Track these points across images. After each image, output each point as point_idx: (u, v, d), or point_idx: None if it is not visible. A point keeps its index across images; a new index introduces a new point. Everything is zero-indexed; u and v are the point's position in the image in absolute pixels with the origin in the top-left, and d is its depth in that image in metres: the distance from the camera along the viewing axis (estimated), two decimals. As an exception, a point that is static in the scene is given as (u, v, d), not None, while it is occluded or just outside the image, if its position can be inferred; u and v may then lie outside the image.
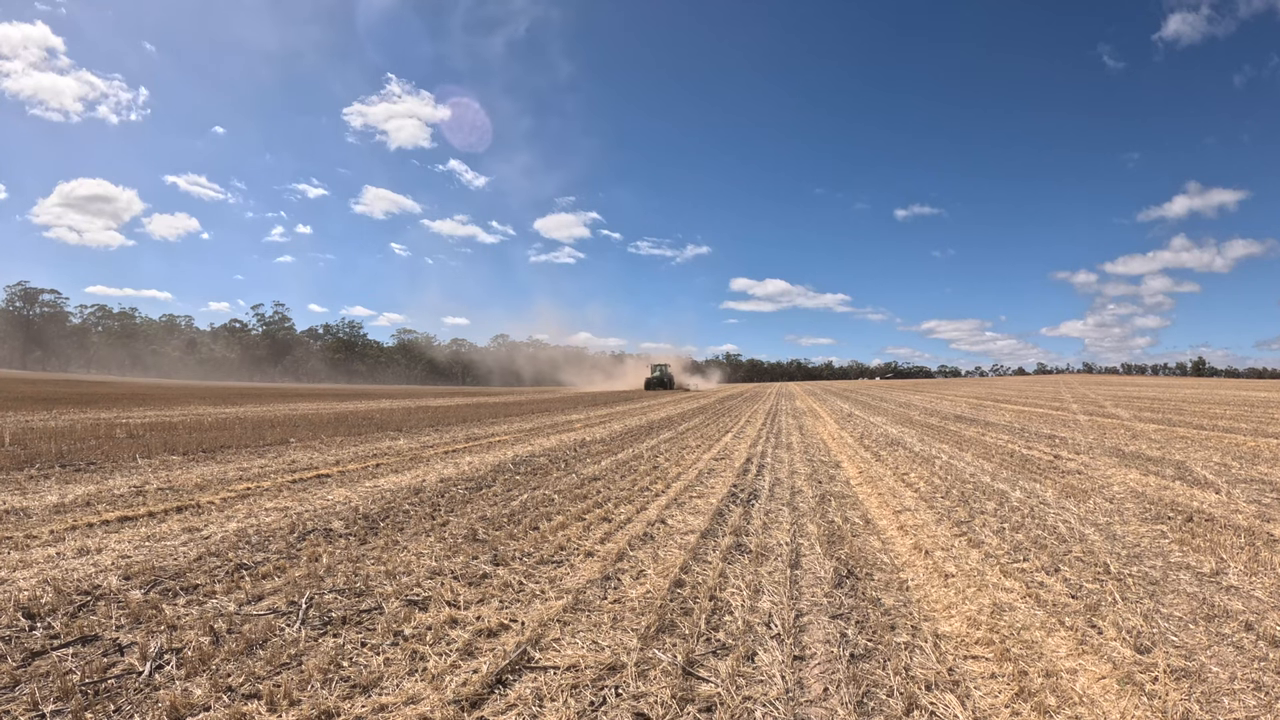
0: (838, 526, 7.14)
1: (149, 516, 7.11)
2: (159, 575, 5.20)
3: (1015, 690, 3.56)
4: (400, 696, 3.43)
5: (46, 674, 3.60)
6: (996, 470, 11.03)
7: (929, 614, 4.70)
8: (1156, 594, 5.06)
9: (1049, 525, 7.13)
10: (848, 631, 4.35)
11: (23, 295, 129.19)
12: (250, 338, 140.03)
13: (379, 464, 11.36)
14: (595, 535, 6.69)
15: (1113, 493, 8.94)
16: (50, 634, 4.12)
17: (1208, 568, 5.63)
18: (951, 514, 7.70)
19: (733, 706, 3.35)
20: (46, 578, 5.07)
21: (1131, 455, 12.70)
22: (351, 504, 7.93)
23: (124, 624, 4.30)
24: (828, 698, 3.49)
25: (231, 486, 8.87)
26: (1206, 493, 8.78)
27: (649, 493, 9.03)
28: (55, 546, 5.95)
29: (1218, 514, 7.54)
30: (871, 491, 9.31)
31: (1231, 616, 4.59)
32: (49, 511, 7.24)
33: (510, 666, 3.76)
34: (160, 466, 10.48)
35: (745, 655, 3.96)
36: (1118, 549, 6.25)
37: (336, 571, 5.39)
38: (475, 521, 7.13)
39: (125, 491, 8.39)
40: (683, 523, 7.27)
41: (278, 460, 11.51)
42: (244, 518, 7.14)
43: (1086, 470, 10.90)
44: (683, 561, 5.76)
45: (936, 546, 6.38)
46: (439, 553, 5.98)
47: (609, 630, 4.32)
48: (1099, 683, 3.66)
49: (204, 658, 3.80)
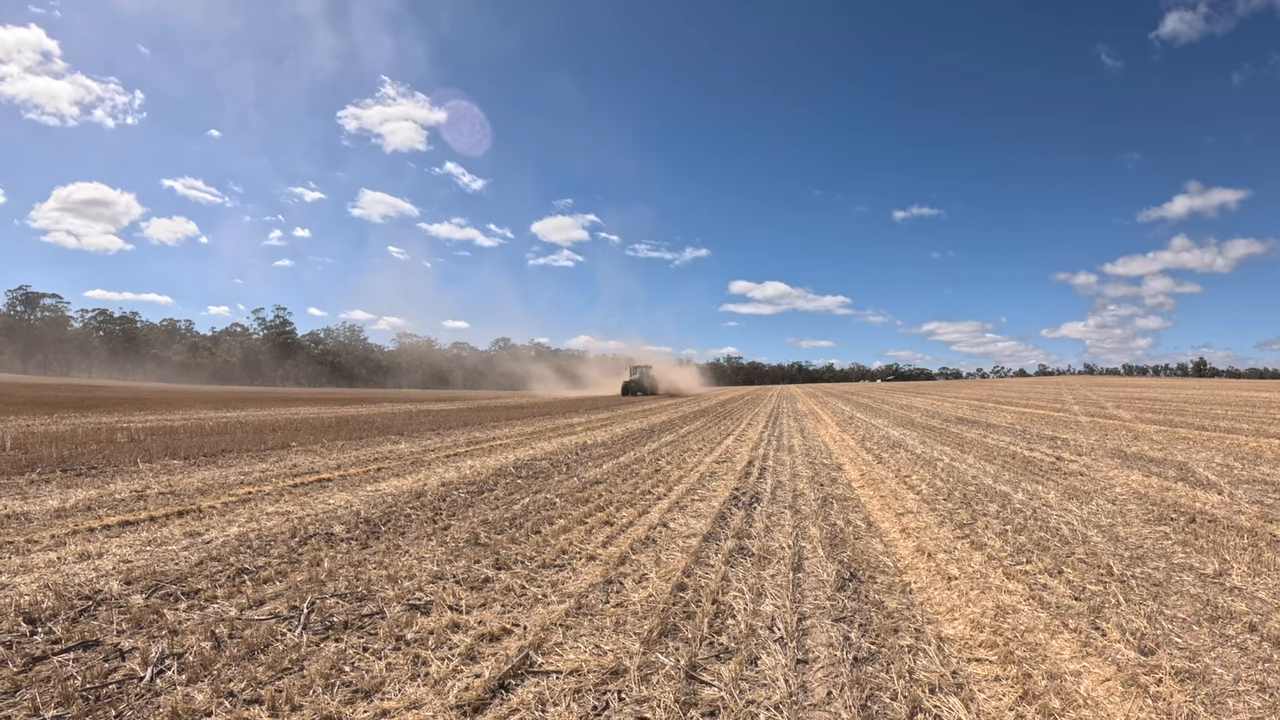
0: (840, 529, 7.13)
1: (150, 521, 7.11)
2: (160, 580, 5.19)
3: (1019, 693, 3.55)
4: (402, 701, 3.42)
5: (48, 679, 3.59)
6: (999, 472, 11.02)
7: (932, 617, 4.69)
8: (1160, 595, 5.04)
9: (1051, 527, 7.11)
10: (851, 635, 4.34)
11: (24, 299, 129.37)
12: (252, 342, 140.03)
13: (380, 468, 11.35)
14: (597, 539, 6.68)
15: (1115, 494, 8.92)
16: (51, 639, 4.11)
17: (1211, 569, 5.62)
18: (954, 516, 7.68)
19: (736, 710, 3.34)
20: (47, 582, 5.06)
21: (1134, 456, 12.68)
22: (353, 508, 7.92)
23: (125, 629, 4.29)
24: (831, 701, 3.48)
25: (233, 491, 8.86)
26: (1209, 494, 8.77)
27: (651, 496, 9.02)
28: (56, 551, 5.94)
29: (1220, 515, 7.52)
30: (874, 494, 9.29)
31: (1235, 618, 4.58)
32: (50, 516, 7.23)
33: (513, 671, 3.75)
34: (161, 471, 10.47)
35: (748, 659, 3.95)
36: (1121, 550, 6.24)
37: (338, 576, 5.38)
38: (477, 525, 7.12)
39: (126, 496, 8.38)
40: (685, 526, 7.26)
41: (279, 464, 11.50)
42: (245, 522, 7.13)
43: (1089, 472, 10.89)
44: (685, 565, 5.75)
45: (939, 549, 6.36)
46: (441, 557, 5.97)
47: (611, 634, 4.31)
48: (1103, 685, 3.65)
49: (205, 663, 3.79)
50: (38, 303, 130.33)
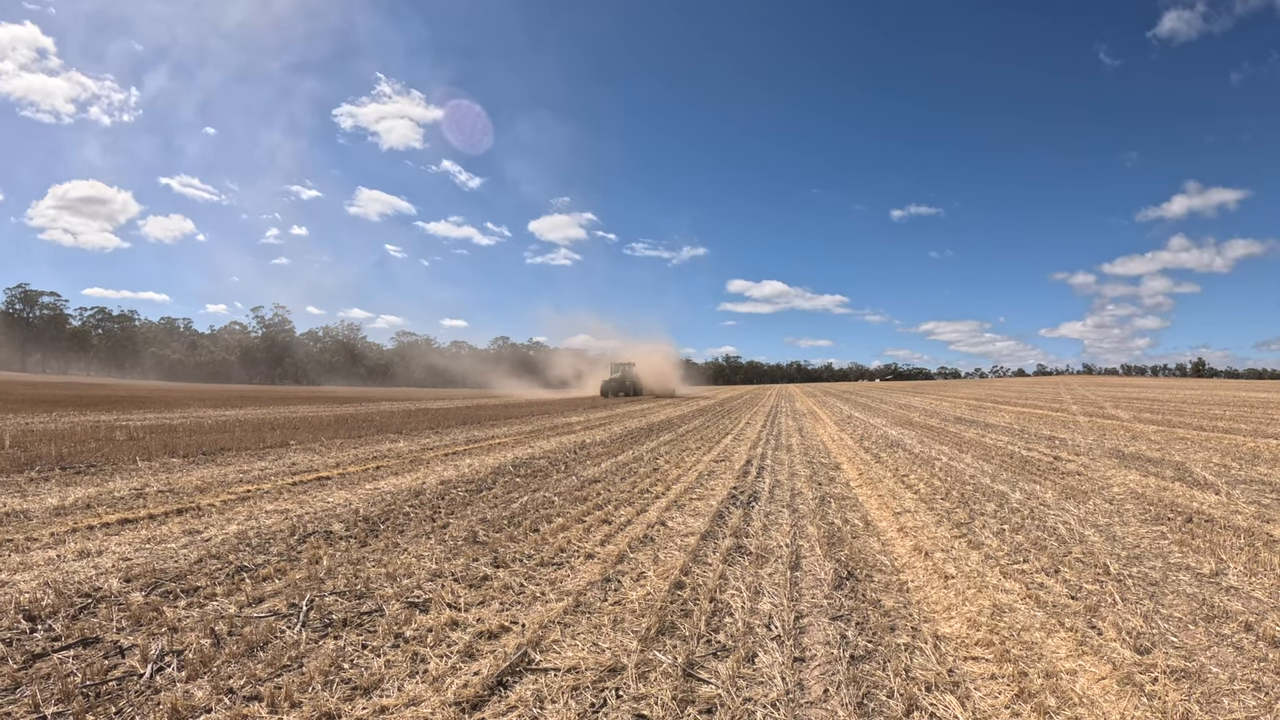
0: (838, 528, 7.14)
1: (149, 519, 7.12)
2: (160, 577, 5.20)
3: (1015, 691, 3.57)
4: (401, 698, 3.43)
5: (48, 676, 3.60)
6: (996, 472, 11.04)
7: (929, 615, 4.70)
8: (1156, 595, 5.06)
9: (1049, 526, 7.13)
10: (848, 633, 4.35)
11: (22, 297, 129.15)
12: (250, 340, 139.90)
13: (379, 466, 11.36)
14: (595, 537, 6.69)
15: (1112, 494, 8.94)
16: (51, 636, 4.12)
17: (1207, 568, 5.64)
18: (951, 515, 7.70)
19: (733, 708, 3.36)
20: (47, 580, 5.08)
21: (1131, 456, 12.70)
22: (352, 506, 7.93)
23: (125, 626, 4.30)
24: (828, 699, 3.50)
25: (232, 489, 8.87)
26: (1206, 494, 8.79)
27: (649, 495, 9.03)
28: (56, 549, 5.95)
29: (1217, 515, 7.54)
30: (871, 493, 9.31)
31: (1231, 617, 4.59)
32: (49, 514, 7.24)
33: (511, 668, 3.77)
34: (160, 469, 10.48)
35: (746, 657, 3.97)
36: (1117, 550, 6.26)
37: (337, 574, 5.39)
38: (476, 524, 7.13)
39: (126, 494, 8.39)
40: (683, 525, 7.27)
41: (278, 463, 11.51)
42: (244, 520, 7.14)
43: (1086, 471, 10.91)
44: (683, 563, 5.76)
45: (936, 548, 6.38)
46: (439, 555, 5.98)
47: (609, 632, 4.32)
48: (1099, 683, 3.67)
49: (205, 660, 3.80)
50: (36, 301, 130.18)
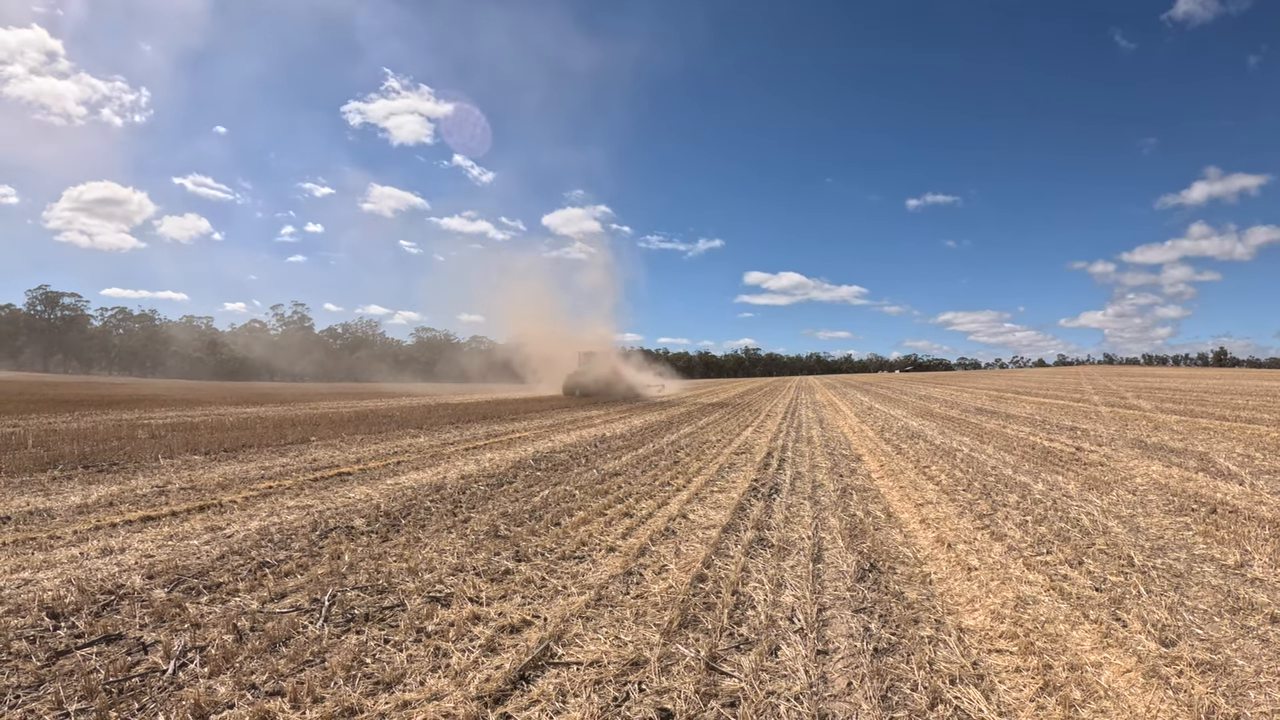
0: (859, 520, 7.10)
1: (171, 516, 7.19)
2: (182, 574, 5.26)
3: (1040, 684, 3.53)
4: (423, 693, 3.44)
5: (71, 673, 3.64)
6: (1018, 463, 10.94)
7: (952, 607, 4.67)
8: (1181, 587, 5.00)
9: (1072, 518, 7.06)
10: (871, 625, 4.33)
11: (44, 299, 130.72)
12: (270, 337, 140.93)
13: (400, 461, 11.42)
14: (617, 530, 6.69)
15: (1135, 485, 8.84)
16: (74, 633, 4.17)
17: (1232, 560, 5.56)
18: (974, 507, 7.64)
19: (756, 701, 3.34)
20: (70, 577, 5.14)
21: (1154, 447, 12.55)
22: (373, 501, 7.98)
23: (148, 623, 4.34)
24: (851, 692, 3.47)
25: (253, 485, 8.95)
26: (1230, 484, 8.67)
27: (670, 487, 9.02)
28: (79, 546, 6.02)
29: (1242, 506, 7.44)
30: (893, 485, 9.26)
31: (1257, 609, 4.53)
32: (72, 512, 7.33)
33: (533, 662, 3.77)
34: (182, 466, 10.59)
35: (768, 650, 3.95)
36: (1141, 541, 6.18)
37: (359, 569, 5.42)
38: (497, 518, 7.15)
39: (148, 491, 8.48)
40: (704, 517, 7.26)
41: (299, 459, 11.60)
42: (266, 516, 7.20)
43: (1109, 462, 10.79)
44: (705, 556, 5.75)
45: (959, 540, 6.33)
46: (461, 549, 6.01)
47: (631, 625, 4.32)
48: (1124, 676, 3.62)
49: (227, 656, 3.83)
50: (58, 302, 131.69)
